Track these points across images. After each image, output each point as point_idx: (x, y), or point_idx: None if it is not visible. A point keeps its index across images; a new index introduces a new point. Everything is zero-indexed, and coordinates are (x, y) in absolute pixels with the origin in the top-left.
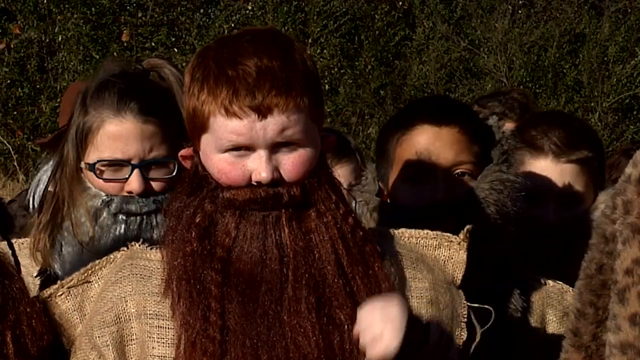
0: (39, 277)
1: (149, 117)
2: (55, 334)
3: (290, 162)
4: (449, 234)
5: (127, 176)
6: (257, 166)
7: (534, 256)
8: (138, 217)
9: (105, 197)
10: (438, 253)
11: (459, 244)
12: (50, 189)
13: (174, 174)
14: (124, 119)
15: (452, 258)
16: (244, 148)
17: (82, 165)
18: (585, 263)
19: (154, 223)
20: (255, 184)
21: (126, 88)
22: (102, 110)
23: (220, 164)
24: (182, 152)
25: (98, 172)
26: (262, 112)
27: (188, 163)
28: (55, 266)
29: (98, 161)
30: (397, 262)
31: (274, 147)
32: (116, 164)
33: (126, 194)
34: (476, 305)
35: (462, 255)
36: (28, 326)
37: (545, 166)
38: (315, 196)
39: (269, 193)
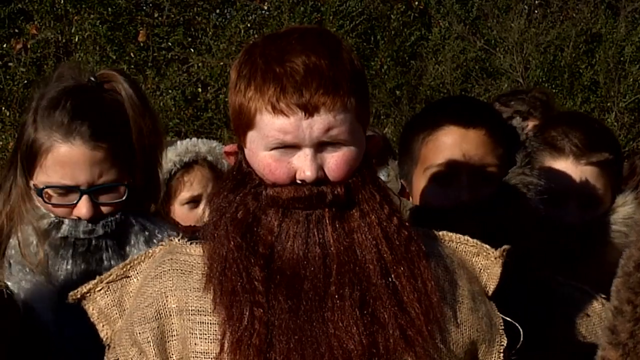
0: None
1: (99, 143)
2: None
3: (335, 161)
4: (487, 246)
5: (75, 202)
6: (302, 164)
7: (553, 257)
8: (86, 241)
9: (54, 219)
10: (476, 260)
11: (496, 258)
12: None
13: (123, 198)
14: (73, 145)
15: (488, 268)
16: (290, 146)
17: (31, 185)
18: (624, 261)
19: (103, 246)
20: (299, 182)
21: (77, 109)
22: (51, 132)
23: (266, 161)
24: (227, 148)
25: (46, 196)
26: (309, 110)
27: (232, 159)
28: (9, 284)
29: (46, 187)
30: (444, 264)
31: (319, 146)
32: (65, 189)
33: (75, 218)
34: (508, 319)
35: (498, 269)
36: None
37: (566, 167)
38: (359, 196)
39: (312, 192)
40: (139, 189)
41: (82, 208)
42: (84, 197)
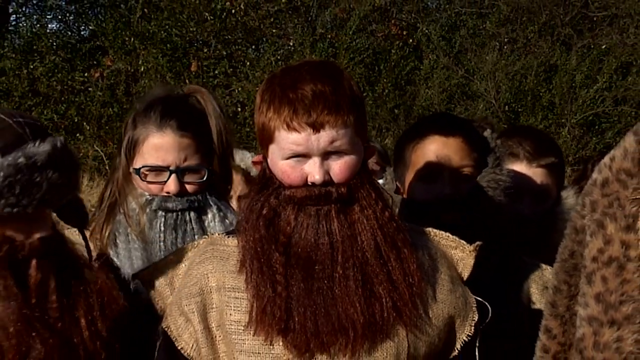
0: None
1: (185, 132)
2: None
3: (338, 167)
4: (464, 242)
5: (165, 180)
6: (312, 170)
7: (514, 241)
8: (174, 214)
9: (148, 197)
10: (454, 253)
11: (470, 252)
12: (108, 190)
13: (204, 179)
14: (164, 134)
15: (463, 260)
16: (302, 155)
17: (131, 170)
18: (561, 249)
19: (187, 219)
20: (310, 184)
21: (168, 108)
22: (147, 125)
23: (283, 168)
24: (254, 158)
25: (142, 175)
26: (316, 127)
27: (258, 167)
28: (111, 252)
29: (143, 166)
30: (429, 254)
31: (326, 155)
32: (157, 169)
33: (165, 194)
34: (480, 299)
35: (471, 261)
36: (99, 309)
37: (520, 169)
38: (358, 194)
39: (321, 191)
40: (216, 175)
41: (171, 184)
42: (172, 176)
